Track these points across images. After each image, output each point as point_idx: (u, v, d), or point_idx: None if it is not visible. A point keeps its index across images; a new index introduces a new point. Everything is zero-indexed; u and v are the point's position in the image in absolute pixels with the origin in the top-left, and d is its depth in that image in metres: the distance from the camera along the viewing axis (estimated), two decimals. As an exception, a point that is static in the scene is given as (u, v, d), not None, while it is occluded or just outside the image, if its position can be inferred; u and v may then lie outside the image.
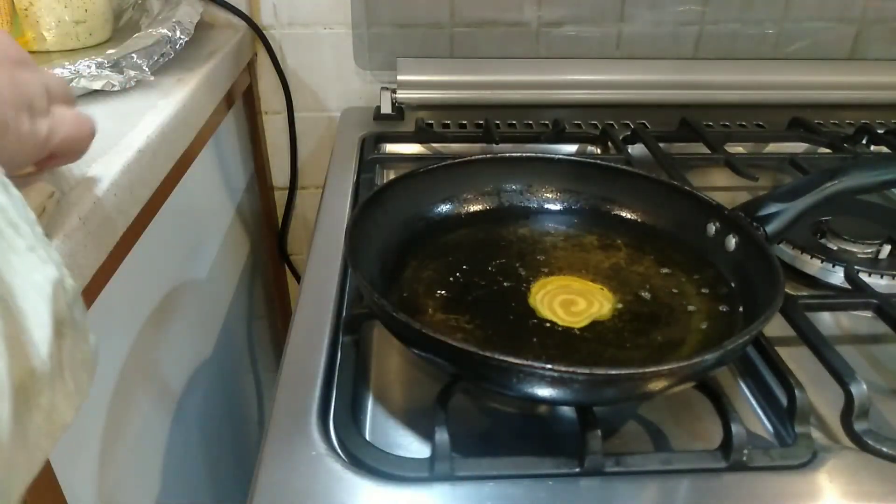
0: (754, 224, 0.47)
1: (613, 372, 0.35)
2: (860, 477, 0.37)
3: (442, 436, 0.35)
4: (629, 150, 0.71)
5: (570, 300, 0.47)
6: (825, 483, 0.36)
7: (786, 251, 0.55)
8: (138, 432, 0.55)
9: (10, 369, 0.21)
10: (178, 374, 0.65)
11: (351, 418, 0.39)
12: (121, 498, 0.52)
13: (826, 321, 0.51)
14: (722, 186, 0.70)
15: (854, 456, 0.38)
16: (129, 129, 0.52)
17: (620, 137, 0.74)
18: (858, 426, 0.38)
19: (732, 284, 0.47)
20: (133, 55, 0.59)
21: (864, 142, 0.76)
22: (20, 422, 0.21)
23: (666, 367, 0.35)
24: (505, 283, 0.48)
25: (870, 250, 0.55)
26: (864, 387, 0.39)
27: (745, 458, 0.37)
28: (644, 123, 0.81)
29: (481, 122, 0.79)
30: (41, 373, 0.23)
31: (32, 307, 0.23)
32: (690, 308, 0.46)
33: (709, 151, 0.72)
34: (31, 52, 0.62)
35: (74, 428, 0.44)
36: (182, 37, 0.66)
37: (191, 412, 0.67)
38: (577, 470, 0.36)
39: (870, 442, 0.38)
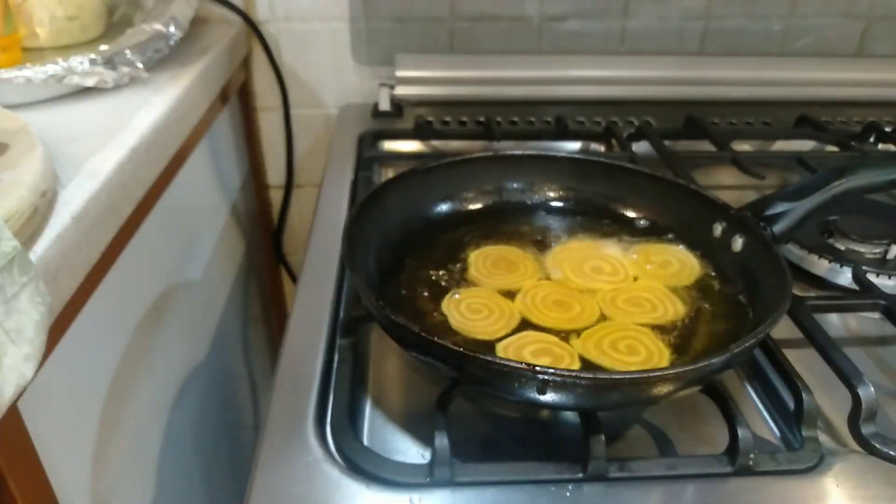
0: (761, 224, 0.47)
1: (617, 376, 0.35)
2: (867, 481, 0.37)
3: (441, 441, 0.35)
4: (633, 148, 0.70)
5: (597, 266, 0.48)
6: (832, 487, 0.36)
7: (793, 251, 0.54)
8: (132, 435, 0.55)
9: None
10: (172, 376, 0.64)
11: (348, 423, 0.38)
12: (114, 502, 0.51)
13: (833, 322, 0.50)
14: (728, 185, 0.69)
15: (861, 460, 0.38)
16: (122, 127, 0.52)
17: (625, 135, 0.73)
18: (866, 429, 0.38)
19: (738, 285, 0.47)
20: (126, 51, 0.59)
21: (871, 140, 0.76)
22: None
23: (671, 371, 0.35)
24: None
25: (878, 250, 0.54)
26: (872, 389, 0.38)
27: (751, 463, 0.36)
28: (649, 120, 0.81)
29: (482, 118, 0.78)
30: None
31: None
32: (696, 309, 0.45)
33: (715, 149, 0.71)
34: (24, 49, 0.61)
35: (68, 429, 0.44)
36: (176, 32, 0.65)
37: (185, 416, 0.66)
38: (581, 475, 0.36)
39: (877, 445, 0.37)
